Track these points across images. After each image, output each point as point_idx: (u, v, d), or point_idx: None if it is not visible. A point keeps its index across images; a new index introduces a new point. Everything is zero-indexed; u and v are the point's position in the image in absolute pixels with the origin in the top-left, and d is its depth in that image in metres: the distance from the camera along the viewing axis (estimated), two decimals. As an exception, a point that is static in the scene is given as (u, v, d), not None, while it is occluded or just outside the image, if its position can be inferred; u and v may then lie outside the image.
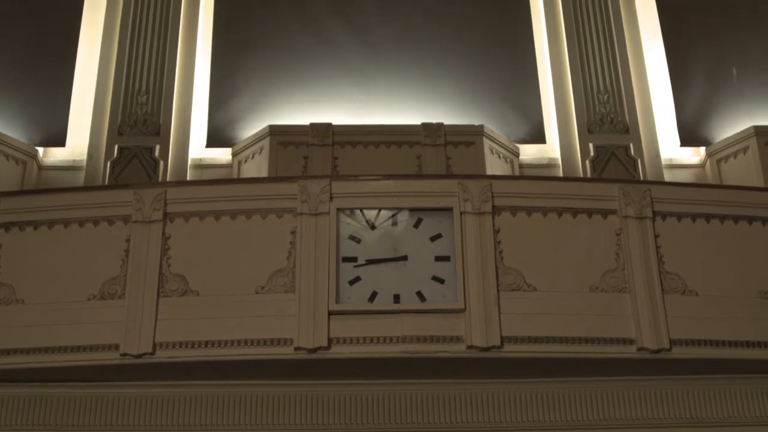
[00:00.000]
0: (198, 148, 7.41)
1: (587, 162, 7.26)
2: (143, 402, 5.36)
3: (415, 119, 7.23)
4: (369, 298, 5.15)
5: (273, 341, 5.03)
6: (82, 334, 5.09)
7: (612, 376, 5.43)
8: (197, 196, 5.46)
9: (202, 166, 7.34)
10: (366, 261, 5.24)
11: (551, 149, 7.53)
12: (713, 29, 7.87)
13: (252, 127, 7.31)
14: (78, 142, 7.32)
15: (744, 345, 5.18)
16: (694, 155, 7.55)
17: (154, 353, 5.04)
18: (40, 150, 7.23)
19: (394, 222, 5.37)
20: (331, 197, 5.34)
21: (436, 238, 5.32)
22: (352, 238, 5.31)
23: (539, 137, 7.55)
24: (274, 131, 7.02)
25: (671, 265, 5.31)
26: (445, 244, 5.28)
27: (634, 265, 5.26)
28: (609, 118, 7.45)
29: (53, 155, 7.32)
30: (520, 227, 5.35)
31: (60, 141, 7.30)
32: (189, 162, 7.29)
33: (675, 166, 7.45)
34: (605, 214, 5.43)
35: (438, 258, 5.26)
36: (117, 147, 7.16)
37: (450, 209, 5.34)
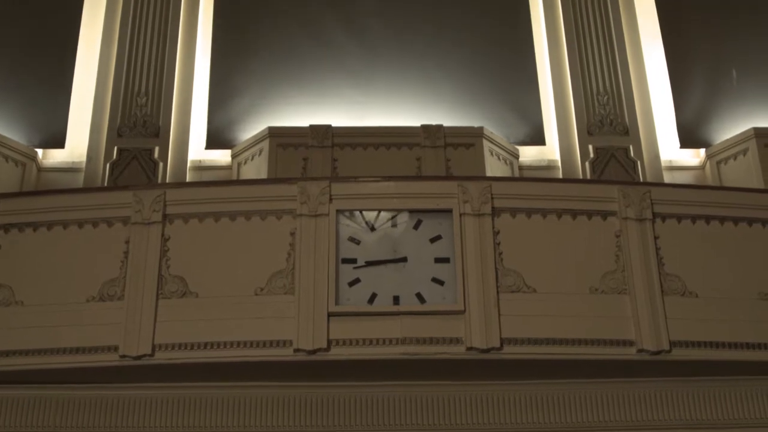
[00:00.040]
0: (197, 149, 7.41)
1: (587, 164, 7.25)
2: (142, 403, 5.35)
3: (415, 121, 7.22)
4: (368, 299, 5.13)
5: (272, 343, 5.02)
6: (81, 335, 5.08)
7: (612, 377, 5.42)
8: (196, 197, 5.45)
9: (201, 167, 7.34)
10: (365, 262, 5.23)
11: (551, 151, 7.52)
12: (713, 31, 7.87)
13: (251, 129, 7.31)
14: (77, 143, 7.31)
15: (744, 347, 5.17)
16: (693, 157, 7.54)
17: (153, 355, 5.03)
18: (39, 152, 7.22)
19: (393, 223, 5.36)
20: (331, 199, 5.33)
21: (435, 239, 5.31)
22: (351, 239, 5.30)
23: (539, 139, 7.55)
24: (273, 133, 7.01)
25: (671, 267, 5.30)
26: (445, 245, 5.27)
27: (633, 267, 5.25)
28: (609, 119, 7.45)
29: (52, 157, 7.32)
30: (519, 229, 5.34)
31: (59, 143, 7.29)
32: (188, 164, 7.29)
33: (675, 167, 7.44)
34: (605, 215, 5.42)
35: (437, 259, 5.25)
36: (116, 148, 7.15)
37: (450, 211, 5.33)
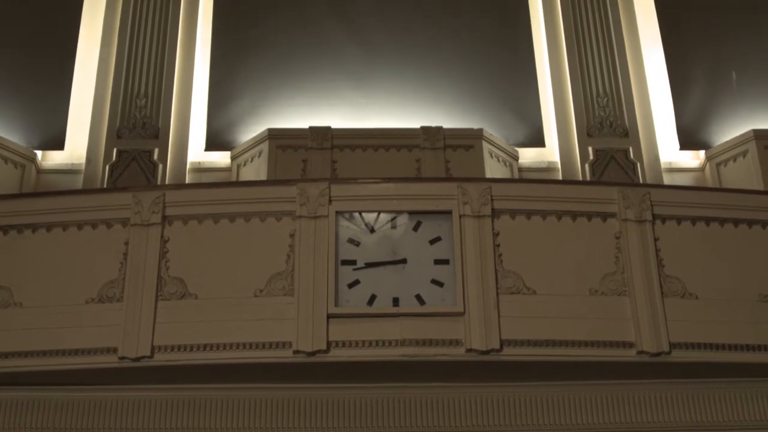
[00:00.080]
0: (197, 151, 7.41)
1: (586, 165, 7.24)
2: (141, 405, 5.34)
3: (415, 123, 7.22)
4: (368, 301, 5.12)
5: (272, 344, 5.01)
6: (80, 337, 5.07)
7: (611, 379, 5.41)
8: (196, 199, 5.45)
9: (201, 169, 7.33)
10: (365, 264, 5.22)
11: (550, 153, 7.52)
12: (713, 33, 7.87)
13: (251, 131, 7.30)
14: (77, 145, 7.31)
15: (744, 348, 5.16)
16: (693, 159, 7.55)
17: (152, 356, 5.02)
18: (38, 153, 7.22)
19: (393, 225, 5.35)
20: (330, 200, 5.33)
21: (435, 241, 5.30)
22: (351, 241, 5.29)
23: (538, 141, 7.55)
24: (273, 135, 7.01)
25: (671, 268, 5.30)
26: (445, 247, 5.26)
27: (633, 269, 5.24)
28: (608, 121, 7.45)
29: (52, 158, 7.32)
30: (519, 230, 5.33)
31: (59, 144, 7.29)
32: (188, 165, 7.28)
33: (674, 169, 7.44)
34: (605, 217, 5.41)
35: (437, 261, 5.24)
36: (116, 150, 7.16)
37: (449, 212, 5.32)
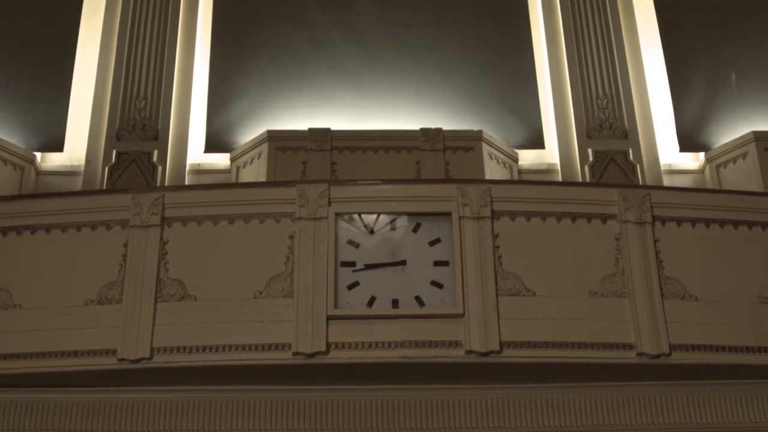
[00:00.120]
0: (196, 153, 7.40)
1: (586, 167, 7.24)
2: (141, 407, 5.34)
3: (414, 124, 7.22)
4: (367, 302, 5.12)
5: (271, 346, 5.00)
6: (79, 339, 5.06)
7: (611, 381, 5.41)
8: (195, 200, 5.44)
9: (200, 171, 7.33)
10: (364, 266, 5.21)
11: (550, 155, 7.52)
12: (712, 35, 7.87)
13: (250, 133, 7.30)
14: (76, 147, 7.31)
15: (744, 350, 5.16)
16: (693, 161, 7.54)
17: (151, 358, 5.01)
18: (38, 155, 7.22)
19: (392, 227, 5.34)
20: (330, 202, 5.32)
21: (434, 242, 5.30)
22: (350, 242, 5.28)
23: (538, 143, 7.55)
24: (272, 136, 7.01)
25: (671, 270, 5.29)
26: (444, 248, 5.26)
27: (633, 270, 5.24)
28: (608, 123, 7.44)
29: (51, 160, 7.31)
30: (519, 232, 5.33)
31: (58, 146, 7.29)
32: (187, 167, 7.28)
33: (674, 171, 7.44)
34: (604, 218, 5.41)
35: (437, 263, 5.23)
36: (115, 152, 7.15)
37: (449, 214, 5.32)
